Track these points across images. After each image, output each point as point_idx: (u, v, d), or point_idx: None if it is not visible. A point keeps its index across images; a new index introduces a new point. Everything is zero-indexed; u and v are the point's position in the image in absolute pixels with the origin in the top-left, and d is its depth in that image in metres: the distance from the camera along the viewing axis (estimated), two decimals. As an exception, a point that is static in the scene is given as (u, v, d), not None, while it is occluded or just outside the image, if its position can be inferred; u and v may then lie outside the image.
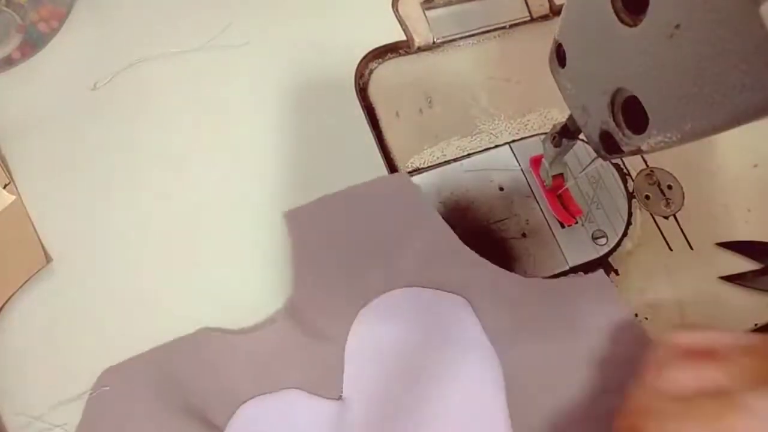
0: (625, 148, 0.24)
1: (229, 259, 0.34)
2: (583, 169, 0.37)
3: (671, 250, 0.38)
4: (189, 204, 0.35)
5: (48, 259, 0.32)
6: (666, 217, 0.39)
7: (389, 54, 0.40)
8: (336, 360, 0.32)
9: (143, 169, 0.35)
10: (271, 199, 0.35)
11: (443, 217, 0.34)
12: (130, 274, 0.33)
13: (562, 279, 0.36)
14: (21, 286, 0.31)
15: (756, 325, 0.37)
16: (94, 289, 0.33)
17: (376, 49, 0.40)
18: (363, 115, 0.38)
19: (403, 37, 0.40)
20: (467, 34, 0.41)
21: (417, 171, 0.38)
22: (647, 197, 0.39)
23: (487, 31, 0.42)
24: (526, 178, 0.38)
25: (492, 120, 0.39)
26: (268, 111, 0.37)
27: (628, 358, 0.31)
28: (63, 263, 0.33)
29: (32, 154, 0.35)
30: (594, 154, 0.27)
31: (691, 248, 0.38)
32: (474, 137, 0.39)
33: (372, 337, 0.32)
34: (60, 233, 0.33)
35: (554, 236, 0.37)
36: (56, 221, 0.34)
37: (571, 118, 0.29)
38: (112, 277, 0.33)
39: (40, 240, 0.33)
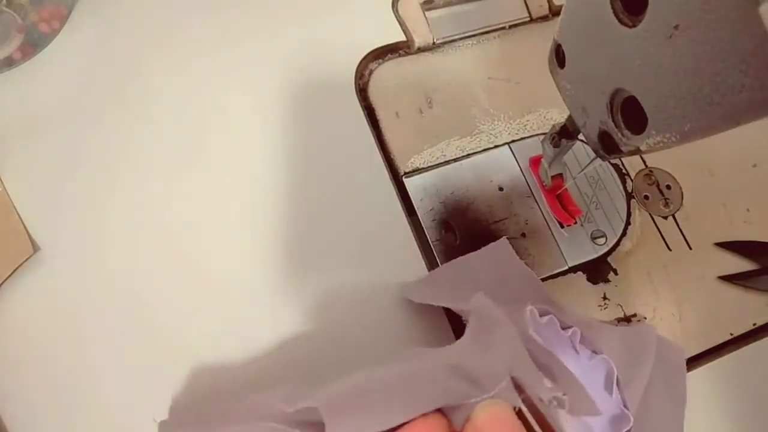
0: (624, 149, 0.24)
1: (223, 255, 0.34)
2: (582, 170, 0.37)
3: (670, 250, 0.38)
4: (184, 202, 0.35)
5: (35, 248, 0.33)
6: (665, 217, 0.39)
7: (389, 54, 0.40)
8: None
9: (140, 167, 0.35)
10: (271, 198, 0.35)
11: (444, 217, 0.34)
12: (121, 262, 0.33)
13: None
14: (9, 275, 0.32)
15: (754, 324, 0.37)
16: (84, 277, 0.33)
17: (376, 49, 0.40)
18: (363, 115, 0.38)
19: (403, 38, 0.40)
20: (467, 34, 0.41)
21: (417, 171, 0.38)
22: (646, 197, 0.39)
23: (487, 32, 0.42)
24: (526, 179, 0.38)
25: (492, 120, 0.40)
26: (268, 111, 0.37)
27: None
28: (52, 252, 0.33)
29: (30, 152, 0.35)
30: (593, 155, 0.27)
31: (690, 248, 0.38)
32: (474, 137, 0.39)
33: None
34: (51, 223, 0.33)
35: (553, 236, 0.37)
36: (48, 212, 0.34)
37: (570, 118, 0.29)
38: (103, 266, 0.33)
39: (26, 229, 0.33)
